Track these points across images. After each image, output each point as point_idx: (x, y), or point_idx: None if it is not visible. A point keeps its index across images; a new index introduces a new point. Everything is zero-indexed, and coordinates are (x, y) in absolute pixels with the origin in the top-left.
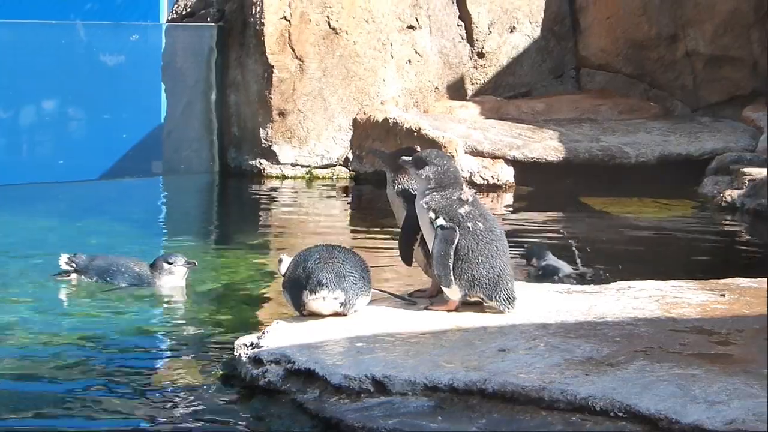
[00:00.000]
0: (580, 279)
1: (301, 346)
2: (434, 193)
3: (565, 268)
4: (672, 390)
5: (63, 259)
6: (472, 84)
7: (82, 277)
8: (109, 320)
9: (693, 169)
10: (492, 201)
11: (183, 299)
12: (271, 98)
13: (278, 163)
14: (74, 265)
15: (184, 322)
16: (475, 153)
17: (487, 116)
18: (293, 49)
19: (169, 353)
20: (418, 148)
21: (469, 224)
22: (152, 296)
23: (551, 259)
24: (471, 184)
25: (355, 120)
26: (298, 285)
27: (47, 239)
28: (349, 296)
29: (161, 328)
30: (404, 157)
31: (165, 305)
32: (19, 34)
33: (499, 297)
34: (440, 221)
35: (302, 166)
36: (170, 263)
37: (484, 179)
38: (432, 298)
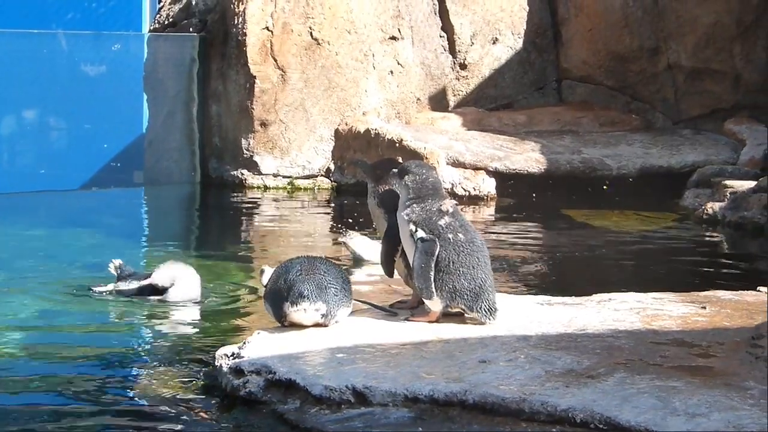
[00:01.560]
0: None
1: (282, 356)
2: (414, 205)
3: None
4: (652, 402)
5: (113, 265)
6: (454, 95)
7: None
8: (93, 331)
9: (674, 181)
10: (473, 212)
11: (183, 311)
12: (252, 109)
13: (260, 173)
14: (119, 272)
15: (164, 332)
16: (457, 164)
17: (469, 128)
18: (275, 60)
19: (148, 363)
20: (400, 159)
21: (450, 235)
22: (141, 307)
23: None
24: (452, 195)
25: (336, 131)
26: (280, 296)
27: (28, 250)
28: (330, 307)
29: (141, 338)
30: (385, 167)
31: (148, 315)
32: (2, 43)
33: (481, 308)
34: (420, 233)
35: (284, 177)
36: (174, 278)
37: (465, 190)
38: (413, 309)
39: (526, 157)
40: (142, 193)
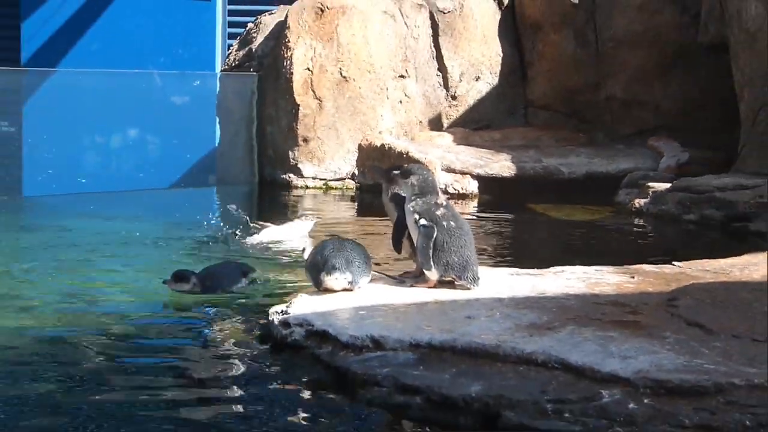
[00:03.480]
0: None
1: (318, 313)
2: (418, 199)
3: None
4: (594, 348)
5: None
6: (447, 119)
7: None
8: (168, 299)
9: (611, 183)
10: (461, 206)
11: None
12: (297, 129)
13: (302, 177)
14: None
15: (230, 295)
16: (449, 170)
17: (458, 143)
18: (314, 92)
19: (219, 318)
20: (407, 166)
21: (444, 223)
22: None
23: None
24: (446, 193)
25: (359, 145)
26: (317, 268)
27: (129, 232)
28: (355, 276)
29: (213, 299)
30: (395, 171)
31: None
32: (112, 81)
33: (467, 277)
34: (422, 221)
35: (320, 179)
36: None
37: (455, 190)
38: (416, 278)
39: (501, 165)
40: (214, 191)
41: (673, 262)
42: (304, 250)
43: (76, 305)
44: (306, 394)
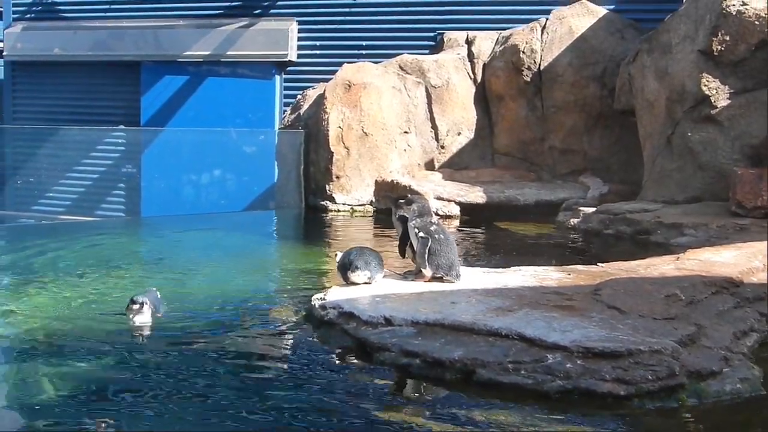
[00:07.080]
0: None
1: (346, 299)
2: (417, 219)
3: None
4: (543, 324)
5: None
6: (437, 162)
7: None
8: (243, 289)
9: (553, 207)
10: (447, 224)
11: (283, 276)
12: (332, 169)
13: (335, 203)
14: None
15: (285, 287)
16: (439, 198)
17: (446, 179)
18: (344, 143)
19: (277, 303)
20: (409, 195)
21: (436, 236)
22: (267, 273)
23: None
24: (436, 215)
25: (376, 181)
26: (345, 267)
27: (215, 240)
28: (372, 273)
29: (274, 289)
30: (401, 200)
31: (274, 278)
32: (203, 136)
33: (452, 274)
34: (421, 234)
35: (348, 205)
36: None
37: (443, 212)
38: (416, 275)
39: (476, 195)
40: (273, 213)
41: (597, 264)
42: (336, 255)
43: (184, 284)
44: (337, 357)
